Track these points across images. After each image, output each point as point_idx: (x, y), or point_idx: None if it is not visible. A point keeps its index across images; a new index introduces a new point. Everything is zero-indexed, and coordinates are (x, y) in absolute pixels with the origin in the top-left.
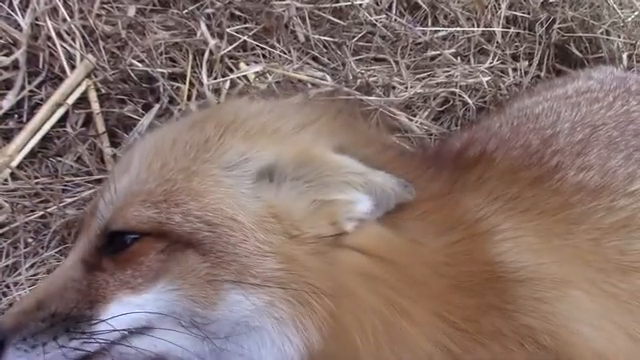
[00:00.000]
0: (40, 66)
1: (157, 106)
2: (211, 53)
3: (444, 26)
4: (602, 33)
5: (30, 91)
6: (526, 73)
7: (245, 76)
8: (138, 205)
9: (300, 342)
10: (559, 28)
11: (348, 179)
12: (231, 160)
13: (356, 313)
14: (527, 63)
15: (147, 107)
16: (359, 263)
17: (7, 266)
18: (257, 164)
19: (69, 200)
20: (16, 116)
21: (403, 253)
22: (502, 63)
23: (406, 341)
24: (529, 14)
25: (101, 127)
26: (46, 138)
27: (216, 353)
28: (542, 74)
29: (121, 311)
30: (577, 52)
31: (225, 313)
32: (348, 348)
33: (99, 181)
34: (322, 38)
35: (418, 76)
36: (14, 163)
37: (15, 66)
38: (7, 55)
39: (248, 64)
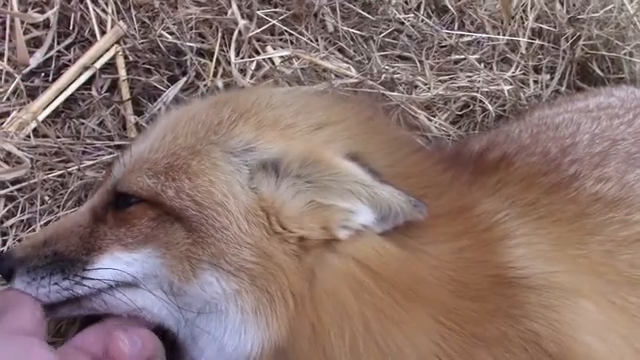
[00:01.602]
0: (71, 28)
1: (183, 79)
2: (240, 33)
3: (470, 31)
4: (625, 54)
5: (58, 51)
6: (547, 86)
7: (271, 59)
8: (142, 172)
9: (259, 335)
10: (583, 45)
11: (352, 188)
12: (236, 146)
13: (336, 317)
14: (549, 77)
15: (173, 79)
16: (350, 271)
17: (22, 221)
18: (260, 156)
19: (88, 162)
20: (43, 75)
21: (402, 267)
22: (524, 74)
23: (393, 348)
24: (555, 28)
25: (126, 94)
26: (71, 99)
27: (189, 327)
28: (563, 89)
29: (111, 264)
30: (599, 71)
31: (197, 290)
32: (323, 350)
33: (119, 147)
34: (350, 30)
35: (441, 78)
36: (39, 119)
37: (46, 25)
38: (40, 12)
39: (275, 48)
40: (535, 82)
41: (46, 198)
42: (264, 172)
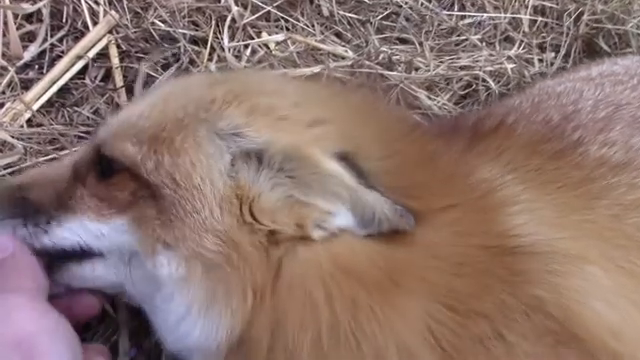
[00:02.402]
0: (63, 20)
1: (176, 65)
2: (234, 20)
3: (470, 12)
4: (633, 27)
5: (51, 44)
6: (552, 64)
7: (266, 45)
8: (127, 138)
9: (208, 327)
10: (588, 20)
11: (335, 190)
12: (223, 128)
13: (299, 310)
14: (553, 54)
15: (166, 67)
16: (319, 263)
17: None
18: (246, 143)
19: None
20: (36, 67)
21: (380, 259)
22: (528, 53)
23: (368, 341)
24: (558, 4)
25: (119, 82)
26: (64, 89)
27: (148, 303)
28: (568, 66)
29: (79, 232)
30: (605, 46)
31: (153, 269)
32: (284, 344)
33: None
34: (347, 15)
35: (441, 58)
36: (32, 109)
37: (39, 19)
38: (32, 3)
39: (270, 35)
40: (540, 60)
41: None
42: (246, 159)
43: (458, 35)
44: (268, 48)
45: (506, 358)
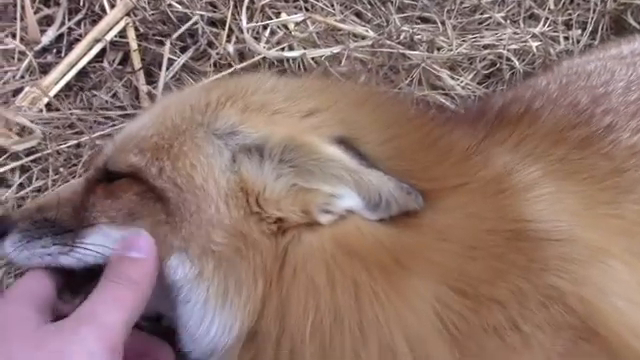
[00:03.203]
0: (81, 4)
1: (194, 47)
2: (252, 1)
3: None
4: None
5: (69, 28)
6: (578, 41)
7: (285, 25)
8: (130, 149)
9: (226, 320)
10: None
11: (336, 173)
12: (219, 128)
13: (301, 295)
14: (580, 32)
15: (185, 50)
16: (323, 247)
17: (37, 191)
18: (244, 139)
19: (101, 133)
20: (54, 51)
21: (388, 243)
22: (553, 30)
23: (373, 324)
24: None
25: (137, 64)
26: (82, 73)
27: (169, 311)
28: (595, 43)
29: (102, 241)
30: (634, 22)
31: (167, 274)
32: (291, 333)
33: (132, 116)
34: None
35: (464, 37)
36: (50, 94)
37: (56, 2)
38: None
39: (289, 15)
40: (565, 38)
41: (60, 168)
42: (248, 155)
43: (481, 13)
44: (287, 29)
45: (522, 349)
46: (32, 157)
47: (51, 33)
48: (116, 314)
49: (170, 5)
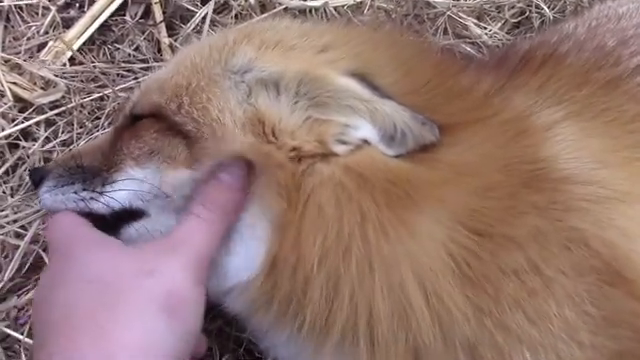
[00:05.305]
0: None
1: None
2: None
3: None
4: None
5: None
6: None
7: None
8: (152, 91)
9: (251, 244)
10: None
11: (351, 103)
12: (236, 64)
13: (312, 224)
14: None
15: (206, 1)
16: (334, 176)
17: (62, 144)
18: (260, 74)
19: (124, 85)
20: (77, 5)
21: (402, 174)
22: None
23: (379, 256)
24: None
25: (159, 17)
26: (105, 26)
27: None
28: None
29: (128, 185)
30: None
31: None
32: (303, 264)
33: (155, 69)
34: None
35: None
36: (73, 48)
37: None
38: None
39: None
40: None
41: (85, 121)
42: (264, 88)
43: None
44: None
45: (543, 292)
46: (57, 110)
47: None
48: (202, 237)
49: None
